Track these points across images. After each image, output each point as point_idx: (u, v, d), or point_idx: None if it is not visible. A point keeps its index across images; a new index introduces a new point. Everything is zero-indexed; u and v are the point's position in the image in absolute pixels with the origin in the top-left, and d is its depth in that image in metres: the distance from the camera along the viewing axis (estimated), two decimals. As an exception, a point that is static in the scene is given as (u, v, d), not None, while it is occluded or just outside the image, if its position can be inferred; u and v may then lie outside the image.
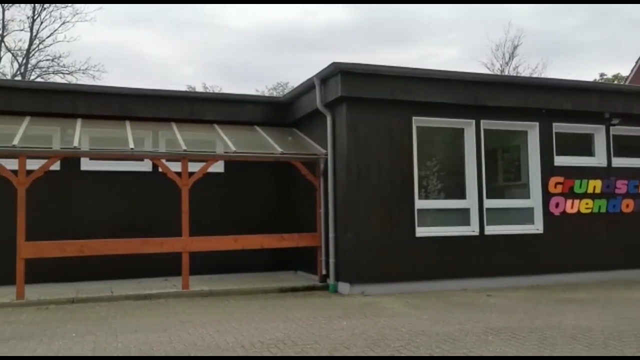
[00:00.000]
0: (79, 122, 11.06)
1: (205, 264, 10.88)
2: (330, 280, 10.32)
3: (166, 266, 10.94)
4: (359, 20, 48.74)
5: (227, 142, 10.95)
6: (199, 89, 35.26)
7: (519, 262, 10.84)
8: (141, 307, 8.69)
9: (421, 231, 10.23)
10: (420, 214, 10.31)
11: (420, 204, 10.35)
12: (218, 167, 11.78)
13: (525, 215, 11.22)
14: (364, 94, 10.12)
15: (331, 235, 10.41)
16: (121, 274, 11.08)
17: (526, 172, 11.48)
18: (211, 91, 32.48)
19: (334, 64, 9.94)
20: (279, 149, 10.81)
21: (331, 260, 10.35)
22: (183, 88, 32.47)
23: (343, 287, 10.03)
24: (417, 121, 10.48)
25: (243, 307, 8.66)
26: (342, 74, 9.95)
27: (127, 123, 11.42)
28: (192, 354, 5.82)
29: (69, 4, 30.57)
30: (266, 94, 34.55)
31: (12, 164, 9.52)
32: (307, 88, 11.31)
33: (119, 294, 9.45)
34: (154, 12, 46.70)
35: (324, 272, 10.65)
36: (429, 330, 6.83)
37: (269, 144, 11.18)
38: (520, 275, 10.79)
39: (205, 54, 49.17)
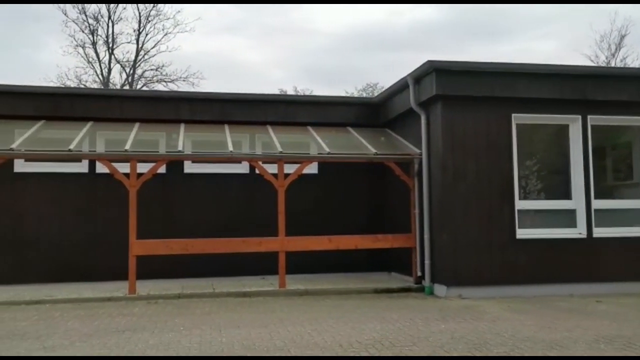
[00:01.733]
0: (182, 126, 11.68)
1: (300, 263, 11.08)
2: (426, 282, 10.14)
3: (263, 265, 11.27)
4: (447, 18, 47.57)
5: (320, 143, 11.09)
6: (290, 92, 36.04)
7: (632, 267, 10.07)
8: (241, 304, 9.00)
9: (522, 233, 9.79)
10: (521, 214, 9.88)
11: (521, 204, 9.91)
12: (312, 169, 11.97)
13: (638, 217, 10.41)
14: (460, 91, 9.86)
15: (426, 236, 10.24)
16: (222, 271, 11.56)
17: (639, 170, 10.66)
18: (304, 94, 33.07)
19: (428, 62, 9.78)
20: (373, 150, 10.79)
21: (426, 262, 10.17)
22: (275, 92, 33.37)
23: (439, 289, 9.82)
24: (517, 118, 10.05)
25: (339, 306, 8.73)
26: (437, 72, 9.76)
27: (226, 127, 11.90)
28: (292, 351, 5.94)
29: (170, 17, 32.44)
30: (356, 95, 34.62)
31: (124, 168, 10.24)
32: (400, 88, 11.21)
33: (220, 291, 9.86)
34: (246, 20, 48.33)
35: (419, 273, 10.50)
36: (534, 337, 6.52)
37: (362, 145, 11.20)
38: (634, 281, 10.02)
39: (295, 58, 50.18)
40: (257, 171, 10.88)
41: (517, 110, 10.03)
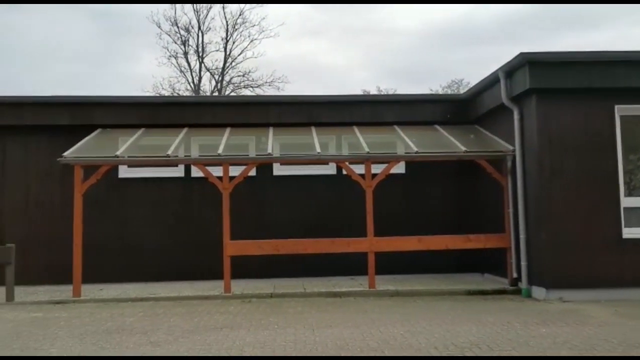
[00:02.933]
0: (270, 130, 11.97)
1: (388, 264, 10.98)
2: (523, 284, 9.71)
3: (352, 265, 11.30)
4: (532, 8, 45.35)
5: (408, 142, 10.96)
6: (374, 92, 35.92)
7: None
8: (332, 304, 9.07)
9: (630, 232, 9.14)
10: (627, 212, 9.22)
11: (627, 201, 9.26)
12: (399, 168, 11.88)
13: None
14: (555, 84, 9.38)
15: (522, 236, 9.81)
16: (311, 271, 11.73)
17: None
18: (389, 93, 32.83)
19: (521, 54, 9.37)
20: (462, 148, 10.50)
21: (523, 263, 9.74)
22: (359, 92, 33.39)
23: (538, 291, 9.37)
24: (621, 110, 9.40)
25: (431, 308, 8.57)
26: (531, 65, 9.33)
27: (313, 129, 12.05)
28: (386, 352, 5.90)
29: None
30: (441, 92, 33.89)
31: (217, 171, 10.65)
32: (490, 83, 10.84)
33: (311, 291, 9.99)
34: (328, 22, 48.76)
35: (514, 275, 10.09)
36: (647, 344, 6.06)
37: (451, 143, 10.94)
38: None
39: (377, 58, 49.92)
40: (344, 172, 10.92)
41: (620, 101, 9.39)
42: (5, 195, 12.07)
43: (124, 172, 12.18)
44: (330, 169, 12.40)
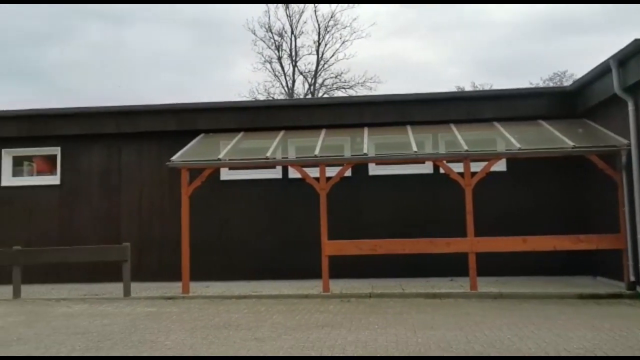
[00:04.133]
0: (365, 130, 11.98)
1: (489, 265, 10.61)
2: (641, 288, 9.00)
3: (451, 266, 11.03)
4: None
5: (509, 139, 10.52)
6: (468, 89, 34.86)
7: None
8: (432, 305, 8.90)
9: None
10: None
11: None
12: (500, 166, 11.43)
13: None
14: (677, 70, 8.60)
15: (639, 236, 9.08)
16: (409, 272, 11.59)
17: None
18: (487, 88, 31.67)
19: (635, 41, 8.70)
20: (570, 143, 9.91)
21: (641, 266, 9.03)
22: (453, 89, 32.56)
23: (659, 297, 8.64)
24: None
25: (538, 312, 8.15)
26: (647, 52, 8.63)
27: (408, 127, 11.91)
28: (492, 355, 5.70)
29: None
30: (541, 86, 32.20)
31: (313, 172, 10.81)
32: (599, 73, 10.15)
33: (409, 292, 9.87)
34: (417, 20, 47.96)
35: (632, 278, 9.37)
36: None
37: (557, 138, 10.36)
38: None
39: (469, 53, 48.35)
40: (441, 171, 10.70)
41: None
42: (121, 198, 13.02)
43: (226, 174, 12.71)
44: (426, 168, 12.20)
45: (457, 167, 10.35)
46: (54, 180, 13.26)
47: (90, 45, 48.23)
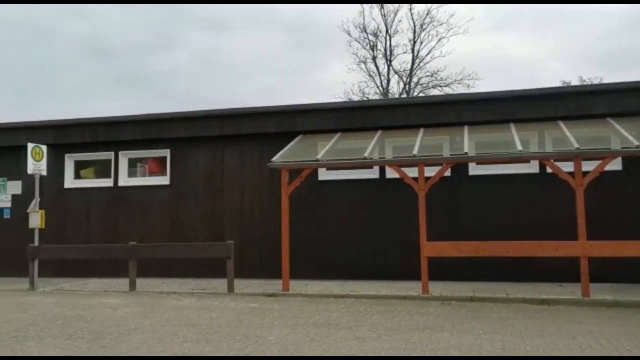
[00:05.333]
0: (465, 129, 11.65)
1: (603, 270, 9.94)
2: None
3: (559, 271, 10.47)
4: None
5: (626, 136, 9.79)
6: (575, 83, 32.85)
7: None
8: (540, 311, 8.47)
9: None
10: None
11: None
12: (615, 165, 10.65)
13: None
14: None
15: None
16: (513, 276, 11.12)
17: None
18: (595, 83, 29.67)
19: None
20: (697, 139, 9.03)
21: None
22: (557, 84, 30.81)
23: None
24: None
25: (662, 323, 7.50)
26: None
27: (511, 125, 11.43)
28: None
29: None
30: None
31: (411, 172, 10.67)
32: None
33: (514, 297, 9.46)
34: (517, 13, 45.87)
35: None
36: None
37: (681, 134, 9.48)
38: None
39: (574, 45, 45.53)
40: (548, 170, 10.16)
41: None
42: (225, 197, 13.61)
43: (323, 174, 12.87)
44: (531, 168, 11.65)
45: (566, 167, 9.78)
46: (164, 180, 14.12)
47: (192, 51, 50.92)
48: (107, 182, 14.49)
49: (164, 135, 14.09)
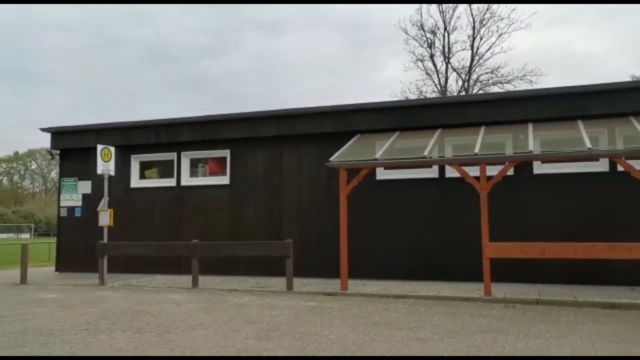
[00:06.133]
0: (529, 126, 11.28)
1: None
2: None
3: (632, 274, 9.99)
4: None
5: None
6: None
7: None
8: (611, 316, 8.08)
9: None
10: None
11: None
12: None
13: None
14: None
15: None
16: (580, 279, 10.70)
17: None
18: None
19: None
20: None
21: None
22: (626, 79, 29.36)
23: None
24: None
25: None
26: None
27: (579, 122, 10.99)
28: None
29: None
30: None
31: (473, 171, 10.43)
32: None
33: (583, 300, 9.07)
34: (583, 5, 43.97)
35: None
36: None
37: None
38: None
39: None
40: (619, 168, 9.68)
41: None
42: (283, 197, 13.76)
43: (381, 174, 12.79)
44: (600, 166, 11.15)
45: (639, 165, 9.28)
46: (224, 180, 14.43)
47: (249, 54, 51.79)
48: (170, 182, 14.95)
49: (224, 135, 14.40)
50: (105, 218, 13.05)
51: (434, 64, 33.83)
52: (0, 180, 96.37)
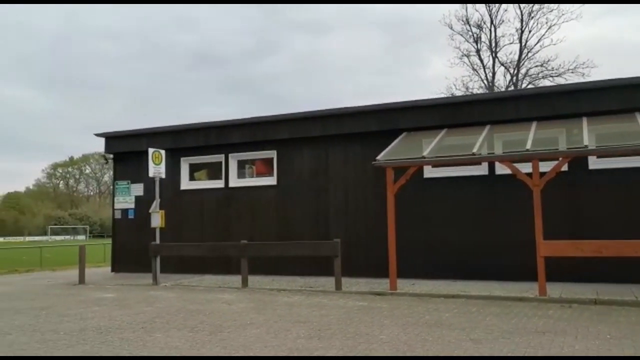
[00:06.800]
0: (584, 120, 10.91)
1: None
2: None
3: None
4: None
5: None
6: None
7: None
8: (676, 317, 7.71)
9: None
10: None
11: None
12: None
13: None
14: None
15: None
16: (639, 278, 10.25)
17: None
18: None
19: None
20: None
21: None
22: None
23: None
24: None
25: None
26: None
27: (637, 115, 10.55)
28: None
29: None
30: None
31: (524, 168, 10.16)
32: None
33: (645, 300, 8.70)
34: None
35: None
36: None
37: None
38: None
39: None
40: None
41: None
42: (330, 197, 13.77)
43: (429, 172, 12.62)
44: (661, 160, 10.64)
45: None
46: (272, 181, 14.57)
47: (293, 55, 52.13)
48: (219, 184, 15.21)
49: (270, 137, 14.53)
50: (157, 219, 13.40)
51: (481, 59, 33.19)
52: (57, 184, 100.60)
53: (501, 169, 11.35)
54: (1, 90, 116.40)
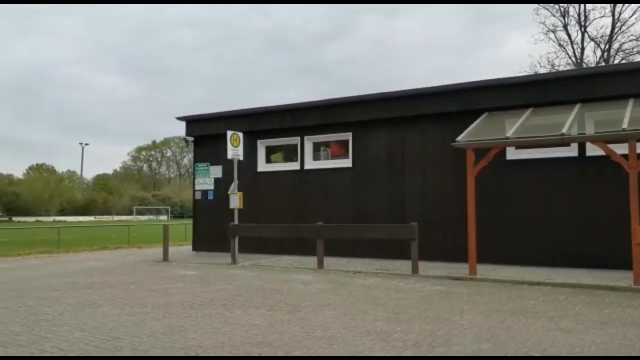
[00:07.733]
0: (687, 97, 9.98)
1: None
2: None
3: None
4: None
5: None
6: None
7: None
8: None
9: None
10: None
11: None
12: None
13: None
14: None
15: None
16: None
17: None
18: None
19: None
20: None
21: None
22: None
23: None
24: None
25: None
26: None
27: None
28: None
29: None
30: None
31: (619, 149, 9.46)
32: None
33: None
34: None
35: None
36: None
37: None
38: None
39: None
40: None
41: None
42: (405, 179, 13.51)
43: (512, 154, 12.07)
44: None
45: None
46: (347, 163, 14.48)
47: (366, 37, 51.46)
48: (294, 166, 15.32)
49: (346, 119, 14.41)
50: (235, 201, 13.70)
51: (568, 34, 31.24)
52: (142, 167, 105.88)
53: (592, 150, 10.67)
54: (94, 79, 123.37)
